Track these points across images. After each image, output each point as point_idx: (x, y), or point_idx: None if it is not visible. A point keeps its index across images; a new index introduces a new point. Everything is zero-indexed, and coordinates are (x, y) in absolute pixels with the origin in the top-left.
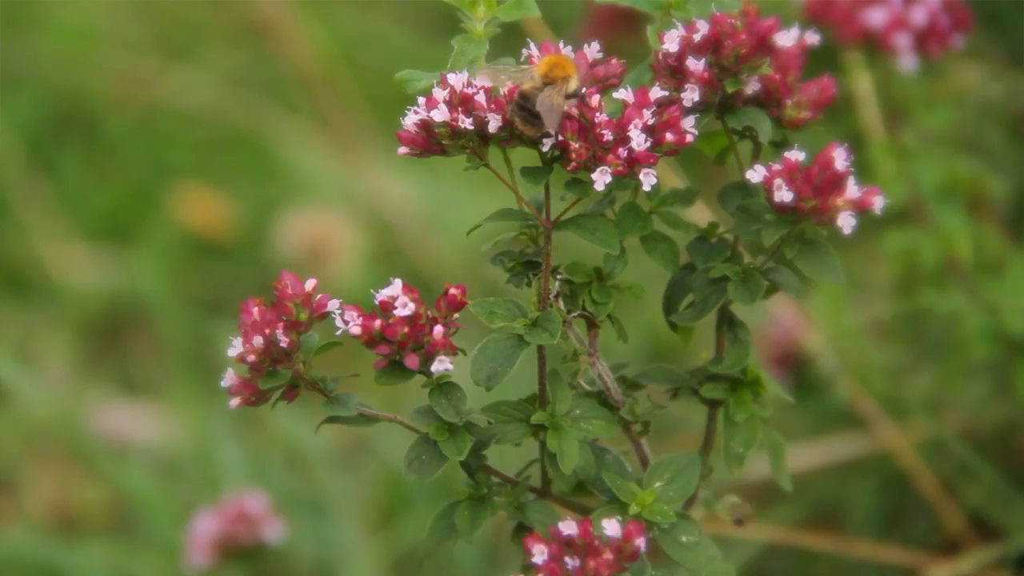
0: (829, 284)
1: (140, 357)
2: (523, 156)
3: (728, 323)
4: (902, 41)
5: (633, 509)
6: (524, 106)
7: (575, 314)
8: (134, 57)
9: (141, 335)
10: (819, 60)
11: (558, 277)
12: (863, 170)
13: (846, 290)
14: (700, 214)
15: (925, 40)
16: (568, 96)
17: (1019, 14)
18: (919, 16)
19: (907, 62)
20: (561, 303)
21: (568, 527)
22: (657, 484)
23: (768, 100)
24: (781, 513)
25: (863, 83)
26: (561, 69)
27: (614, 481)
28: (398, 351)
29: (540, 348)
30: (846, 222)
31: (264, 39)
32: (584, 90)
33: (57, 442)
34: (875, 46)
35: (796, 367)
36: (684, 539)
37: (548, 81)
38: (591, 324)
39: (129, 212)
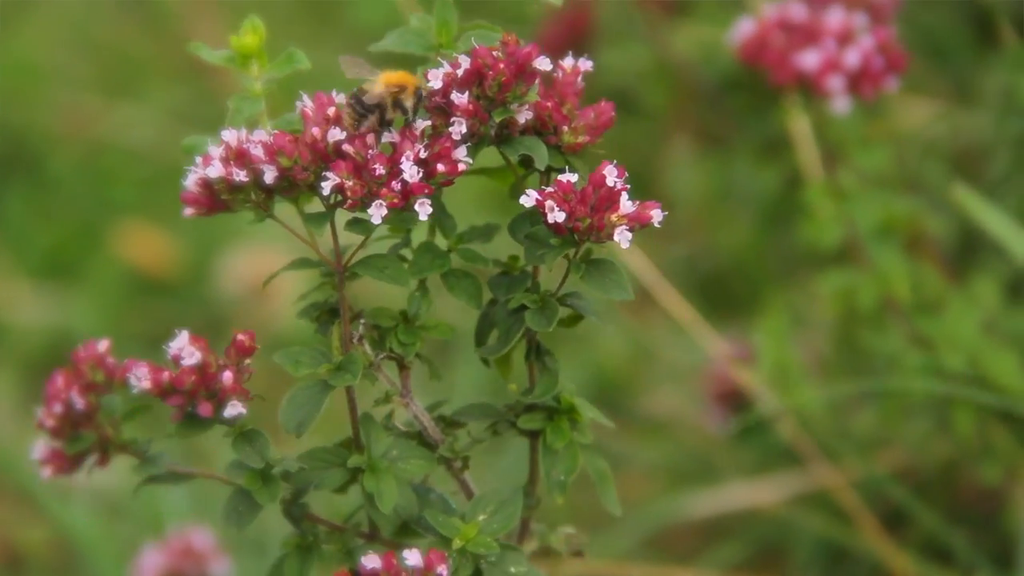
0: (771, 320)
1: None
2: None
3: (536, 352)
4: (835, 84)
5: (457, 543)
6: (359, 99)
7: (382, 355)
8: (78, 94)
9: None
10: (757, 101)
11: (361, 320)
12: (802, 211)
13: (788, 327)
14: None
15: (859, 82)
16: (402, 107)
17: (965, 48)
18: (852, 58)
19: (840, 104)
20: (367, 346)
21: (371, 561)
22: (480, 517)
23: (544, 128)
24: (725, 551)
25: (800, 124)
26: (402, 81)
27: (436, 518)
28: (191, 401)
29: (349, 391)
30: (623, 237)
31: (207, 75)
32: (412, 113)
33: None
34: (809, 88)
35: (738, 404)
36: (512, 570)
37: (390, 90)
38: (401, 366)
39: (72, 249)
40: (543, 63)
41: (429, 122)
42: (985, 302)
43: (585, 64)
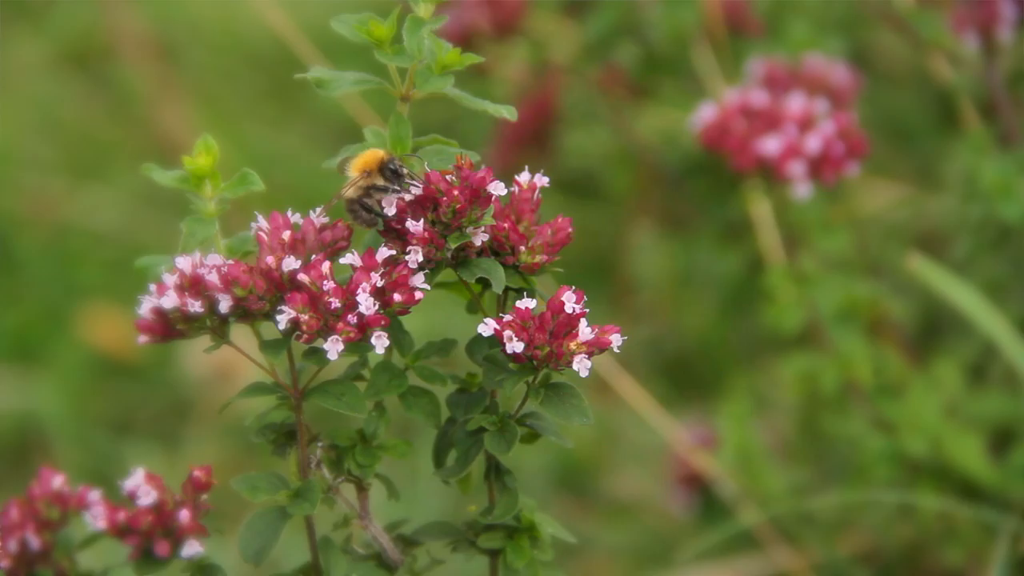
0: (734, 404)
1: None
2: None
3: (495, 471)
4: (796, 169)
5: None
6: (348, 201)
7: (341, 479)
8: (44, 176)
9: (48, 457)
10: (719, 185)
11: (319, 444)
12: (764, 295)
13: (750, 410)
14: None
15: (820, 167)
16: (372, 186)
17: (927, 131)
18: (813, 144)
19: (801, 190)
20: (325, 470)
21: None
22: None
23: (502, 249)
24: None
25: (761, 209)
26: (367, 164)
27: None
28: (147, 540)
29: (307, 517)
30: (582, 365)
31: (172, 157)
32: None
33: None
34: (771, 173)
35: (702, 487)
36: None
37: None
38: (360, 487)
39: (38, 332)
40: (497, 187)
41: (393, 251)
42: (947, 385)
43: (541, 180)
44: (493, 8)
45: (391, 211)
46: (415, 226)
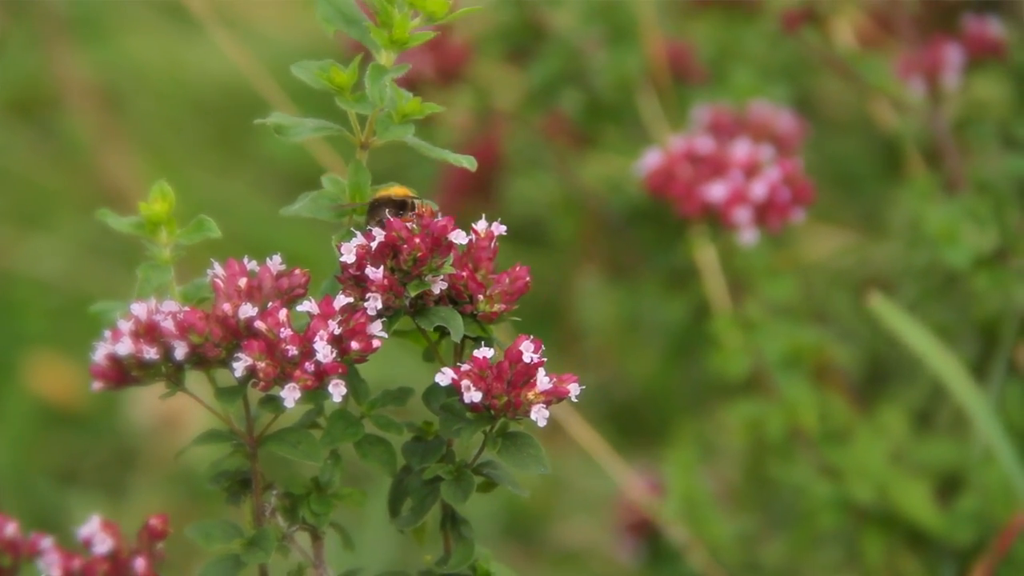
0: (680, 451)
1: None
2: None
3: (451, 520)
4: (742, 216)
5: None
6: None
7: (295, 528)
8: None
9: None
10: (664, 232)
11: (274, 492)
12: (709, 342)
13: (696, 457)
14: None
15: (765, 213)
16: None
17: (872, 177)
18: (759, 190)
19: (747, 236)
20: (279, 518)
21: None
22: None
23: (460, 297)
24: None
25: (706, 255)
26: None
27: None
28: None
29: (262, 566)
30: (540, 415)
31: (117, 206)
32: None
33: None
34: (716, 219)
35: (649, 534)
36: None
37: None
38: (314, 536)
39: None
40: (459, 236)
41: (351, 299)
42: (893, 431)
43: (499, 228)
44: (437, 55)
45: (350, 258)
46: (375, 273)
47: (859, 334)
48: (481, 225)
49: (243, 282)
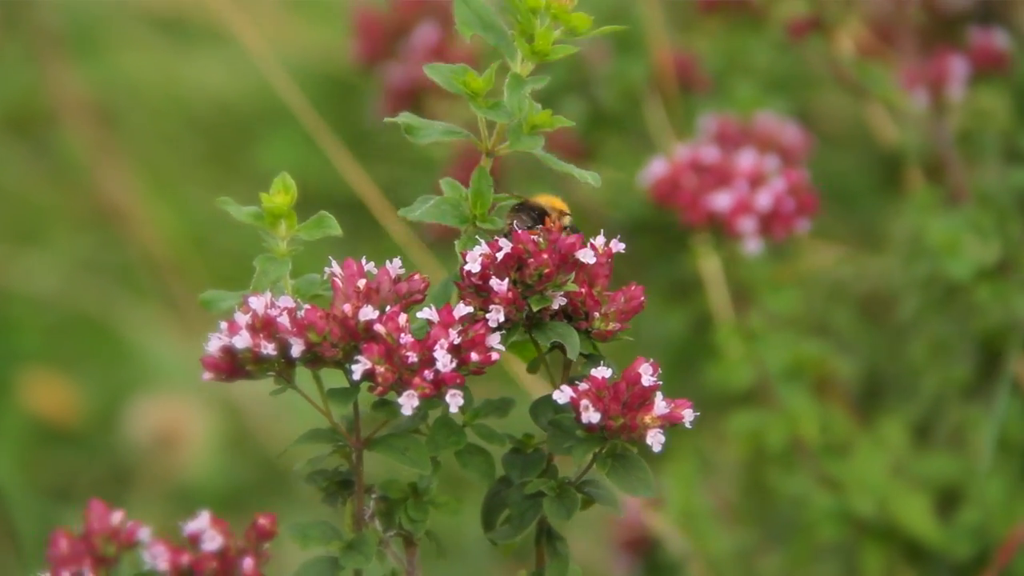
0: (679, 464)
1: None
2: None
3: (547, 536)
4: (746, 225)
5: None
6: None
7: (392, 533)
8: None
9: None
10: (665, 243)
11: (373, 496)
12: (710, 353)
13: (695, 471)
14: None
15: (770, 223)
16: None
17: (871, 192)
18: (764, 200)
19: (751, 246)
20: (377, 523)
21: None
22: None
23: (576, 313)
24: None
25: (710, 265)
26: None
27: None
28: None
29: (357, 571)
30: (655, 439)
31: (113, 223)
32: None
33: None
34: (721, 229)
35: (646, 549)
36: None
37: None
38: (409, 542)
39: None
40: (587, 255)
41: (470, 309)
42: (893, 444)
43: (617, 246)
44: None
45: (475, 267)
46: (499, 285)
47: (858, 347)
48: (599, 241)
49: (362, 283)
